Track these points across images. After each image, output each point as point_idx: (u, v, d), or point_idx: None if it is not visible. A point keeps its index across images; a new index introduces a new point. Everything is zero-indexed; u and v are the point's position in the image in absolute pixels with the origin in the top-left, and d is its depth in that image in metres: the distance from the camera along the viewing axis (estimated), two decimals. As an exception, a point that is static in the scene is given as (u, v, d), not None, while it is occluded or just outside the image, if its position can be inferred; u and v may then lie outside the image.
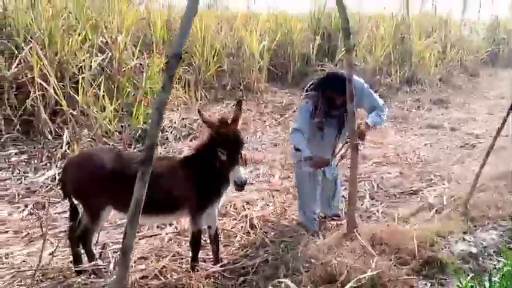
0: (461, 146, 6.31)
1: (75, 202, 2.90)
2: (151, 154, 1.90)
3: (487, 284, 2.17)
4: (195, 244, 2.93)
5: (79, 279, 2.74)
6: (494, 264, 2.80)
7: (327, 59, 9.98)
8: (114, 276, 2.40)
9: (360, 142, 3.47)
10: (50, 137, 5.21)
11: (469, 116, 8.40)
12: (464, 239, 3.07)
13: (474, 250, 2.92)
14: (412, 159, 5.68)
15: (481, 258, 2.87)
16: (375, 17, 12.45)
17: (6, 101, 5.25)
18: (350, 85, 3.06)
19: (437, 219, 3.48)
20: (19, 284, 2.81)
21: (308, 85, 3.74)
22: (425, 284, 2.58)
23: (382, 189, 4.66)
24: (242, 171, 2.66)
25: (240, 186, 2.68)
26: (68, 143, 5.10)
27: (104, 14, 6.69)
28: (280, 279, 2.35)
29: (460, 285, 2.23)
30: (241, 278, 2.83)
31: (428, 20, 14.13)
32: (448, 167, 5.27)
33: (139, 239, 3.43)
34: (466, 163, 5.45)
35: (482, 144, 6.43)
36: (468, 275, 2.39)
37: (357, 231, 2.88)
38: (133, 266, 2.95)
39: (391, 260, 2.63)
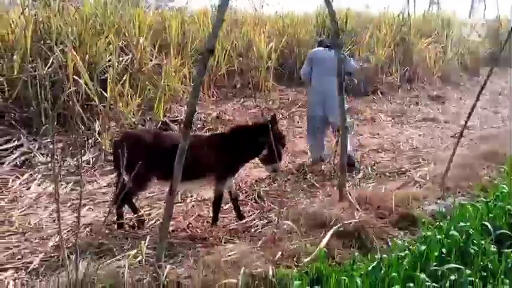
0: (451, 136, 6.86)
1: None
2: (190, 119, 2.54)
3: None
4: (217, 205, 3.64)
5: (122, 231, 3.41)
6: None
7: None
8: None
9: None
10: (82, 127, 5.91)
11: (464, 110, 8.95)
12: (436, 203, 3.68)
13: (443, 210, 3.52)
14: (404, 147, 6.28)
15: (448, 217, 3.47)
16: (377, 18, 13.03)
17: (44, 97, 5.96)
18: (339, 78, 3.70)
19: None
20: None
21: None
22: (399, 233, 3.20)
23: (374, 170, 5.26)
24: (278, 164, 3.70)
25: (274, 171, 3.79)
26: (98, 133, 5.79)
27: (125, 19, 7.40)
28: (283, 221, 3.02)
29: (424, 234, 2.86)
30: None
31: (432, 20, 14.68)
32: (435, 153, 5.86)
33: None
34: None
35: (472, 134, 7.04)
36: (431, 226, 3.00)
37: (347, 192, 3.52)
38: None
39: (372, 213, 3.26)
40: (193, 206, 4.09)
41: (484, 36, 16.12)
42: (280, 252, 2.84)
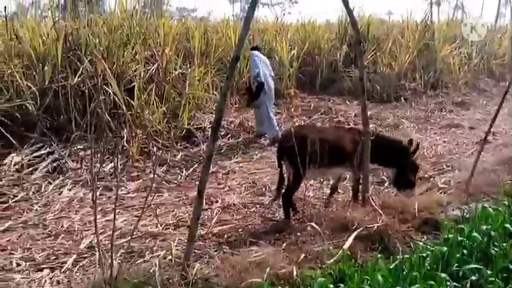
0: (476, 142, 6.80)
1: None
2: (219, 123, 2.66)
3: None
4: (358, 185, 3.96)
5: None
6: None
7: (353, 66, 10.61)
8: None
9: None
10: (110, 135, 6.11)
11: (489, 116, 8.83)
12: (459, 208, 3.69)
13: (467, 215, 3.53)
14: (428, 153, 6.26)
15: (471, 221, 3.47)
16: (400, 24, 13.00)
17: (73, 105, 6.19)
18: (362, 82, 3.77)
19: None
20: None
21: None
22: (422, 237, 3.23)
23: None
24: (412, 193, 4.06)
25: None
26: (126, 140, 5.97)
27: (150, 29, 7.64)
28: (308, 223, 3.10)
29: (446, 236, 2.89)
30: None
31: (457, 26, 14.54)
32: (459, 159, 5.83)
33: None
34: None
35: (497, 140, 6.96)
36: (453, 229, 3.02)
37: (369, 197, 3.57)
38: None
39: (394, 218, 3.30)
40: (219, 211, 4.19)
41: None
42: (303, 254, 2.91)
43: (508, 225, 2.85)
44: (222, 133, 7.14)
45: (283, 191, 4.02)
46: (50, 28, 6.60)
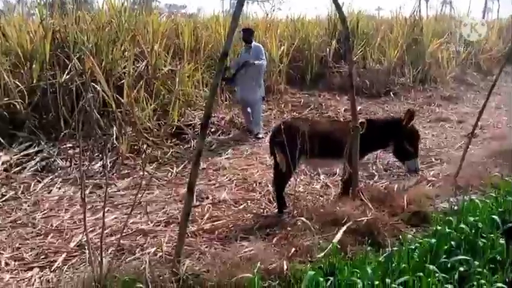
0: (464, 136, 6.86)
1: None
2: (208, 120, 2.65)
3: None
4: (348, 179, 3.92)
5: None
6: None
7: (342, 62, 10.65)
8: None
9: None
10: (99, 133, 6.07)
11: (477, 110, 8.88)
12: (448, 200, 3.73)
13: (455, 208, 3.57)
14: (417, 147, 6.29)
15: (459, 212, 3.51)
16: (389, 20, 13.07)
17: (62, 103, 6.13)
18: (350, 77, 3.78)
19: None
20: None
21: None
22: (411, 230, 3.26)
23: (388, 170, 5.31)
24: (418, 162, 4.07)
25: (414, 171, 4.08)
26: (116, 138, 5.94)
27: (139, 26, 7.58)
28: (298, 218, 3.12)
29: (434, 228, 2.93)
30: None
31: (445, 21, 14.64)
32: (448, 152, 5.88)
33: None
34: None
35: (485, 134, 7.05)
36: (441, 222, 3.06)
37: (359, 191, 3.60)
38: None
39: (384, 211, 3.33)
40: (210, 208, 4.19)
41: (498, 35, 15.98)
42: (294, 249, 2.93)
43: (495, 217, 2.89)
44: (213, 129, 7.13)
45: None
46: (38, 26, 6.52)
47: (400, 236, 3.10)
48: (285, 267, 2.62)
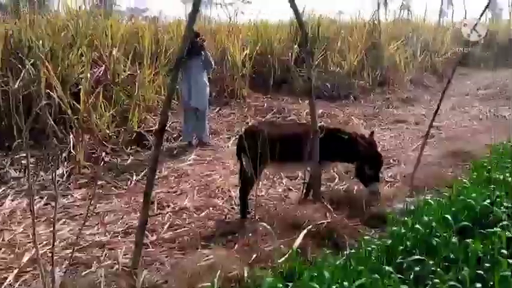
0: (421, 137, 7.06)
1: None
2: (163, 126, 2.60)
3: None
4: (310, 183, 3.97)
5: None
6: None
7: (304, 66, 10.76)
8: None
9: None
10: (55, 141, 5.87)
11: (433, 112, 9.22)
12: (405, 201, 3.82)
13: (411, 208, 3.65)
14: (376, 149, 6.43)
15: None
16: (350, 25, 13.32)
17: (15, 111, 5.89)
18: (310, 81, 3.82)
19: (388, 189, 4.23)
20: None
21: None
22: (370, 231, 3.32)
23: (348, 172, 5.38)
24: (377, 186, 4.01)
25: (374, 194, 3.94)
26: (72, 146, 5.75)
27: (98, 30, 7.40)
28: (260, 223, 3.11)
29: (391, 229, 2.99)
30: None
31: (403, 25, 15.09)
32: (405, 153, 6.04)
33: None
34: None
35: (441, 134, 7.29)
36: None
37: (319, 194, 3.63)
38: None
39: (343, 214, 3.37)
40: (171, 216, 4.12)
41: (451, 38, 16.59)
42: (255, 255, 2.91)
43: (447, 216, 2.98)
44: (174, 135, 7.04)
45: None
46: (-11, 29, 6.26)
47: (359, 238, 3.15)
48: (245, 274, 2.60)
